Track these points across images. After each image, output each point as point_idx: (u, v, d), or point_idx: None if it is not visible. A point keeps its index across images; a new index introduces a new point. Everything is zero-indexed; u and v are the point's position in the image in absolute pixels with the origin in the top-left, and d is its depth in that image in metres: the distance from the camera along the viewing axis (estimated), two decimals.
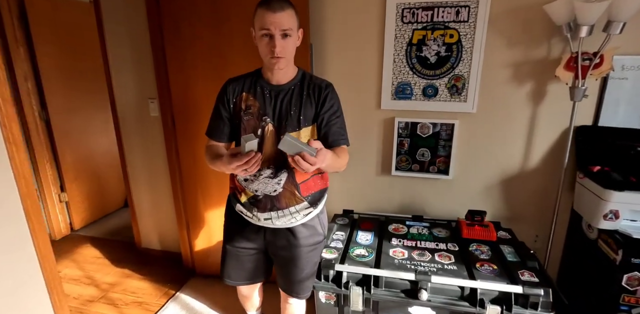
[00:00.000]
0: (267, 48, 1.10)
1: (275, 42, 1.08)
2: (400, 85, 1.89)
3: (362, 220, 1.92)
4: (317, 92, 1.22)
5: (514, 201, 1.95)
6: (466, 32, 1.75)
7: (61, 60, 2.85)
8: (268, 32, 1.08)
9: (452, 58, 1.80)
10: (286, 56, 1.13)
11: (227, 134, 1.29)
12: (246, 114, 1.22)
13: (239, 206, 1.31)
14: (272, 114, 1.21)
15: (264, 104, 1.21)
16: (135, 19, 2.13)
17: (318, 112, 1.21)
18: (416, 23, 1.79)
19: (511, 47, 1.74)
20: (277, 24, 1.07)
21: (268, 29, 1.07)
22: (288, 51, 1.13)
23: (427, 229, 1.79)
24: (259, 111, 1.21)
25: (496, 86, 1.80)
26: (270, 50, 1.10)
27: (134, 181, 2.56)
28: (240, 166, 0.99)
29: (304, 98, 1.21)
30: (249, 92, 1.24)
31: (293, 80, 1.23)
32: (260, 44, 1.13)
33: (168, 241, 2.65)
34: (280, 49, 1.09)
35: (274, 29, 1.07)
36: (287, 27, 1.08)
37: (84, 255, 2.77)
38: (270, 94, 1.22)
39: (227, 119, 1.27)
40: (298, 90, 1.22)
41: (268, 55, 1.12)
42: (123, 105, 2.38)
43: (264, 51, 1.12)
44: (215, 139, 1.30)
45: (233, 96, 1.25)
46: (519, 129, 1.83)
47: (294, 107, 1.20)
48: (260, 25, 1.08)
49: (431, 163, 1.96)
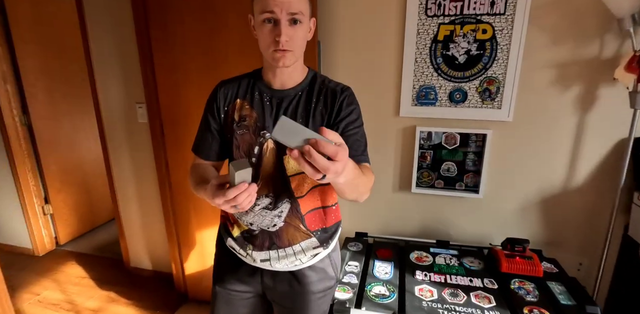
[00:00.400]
0: (270, 37, 0.83)
1: (281, 28, 0.82)
2: (422, 89, 1.63)
3: (378, 246, 1.65)
4: (331, 99, 0.95)
5: (554, 224, 1.67)
6: (502, 26, 1.48)
7: (44, 61, 2.61)
8: (271, 16, 0.82)
9: (485, 57, 1.53)
10: (294, 49, 0.86)
11: (216, 151, 1.03)
12: (240, 126, 0.96)
13: (231, 241, 1.05)
14: (273, 127, 0.94)
15: (263, 115, 0.95)
16: (120, 14, 1.89)
17: (331, 122, 0.95)
18: (443, 16, 1.53)
19: (556, 45, 1.47)
20: (285, 5, 0.81)
21: (272, 11, 0.81)
22: (297, 43, 0.86)
23: (456, 258, 1.52)
24: (257, 123, 0.95)
25: (537, 89, 1.53)
26: (274, 40, 0.83)
27: (122, 195, 2.32)
28: (227, 201, 0.73)
29: (313, 106, 0.94)
30: (244, 99, 0.97)
31: (301, 83, 0.96)
32: (260, 33, 0.86)
33: (159, 260, 2.40)
34: (287, 38, 0.83)
35: (280, 11, 0.81)
36: (296, 10, 0.82)
37: (68, 274, 2.52)
38: (271, 101, 0.95)
39: (216, 132, 1.01)
40: (306, 96, 0.96)
41: (270, 47, 0.84)
42: (109, 110, 2.14)
43: (265, 42, 0.85)
44: (202, 156, 1.04)
45: (225, 103, 0.98)
46: (563, 140, 1.56)
47: (301, 118, 0.94)
48: (262, 8, 0.82)
49: (458, 179, 1.69)
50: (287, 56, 0.85)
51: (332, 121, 0.94)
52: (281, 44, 0.83)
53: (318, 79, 0.99)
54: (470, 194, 1.68)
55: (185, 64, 1.74)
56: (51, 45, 2.65)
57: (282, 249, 0.99)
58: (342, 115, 0.94)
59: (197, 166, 1.03)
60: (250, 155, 0.95)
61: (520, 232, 1.69)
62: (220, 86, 1.00)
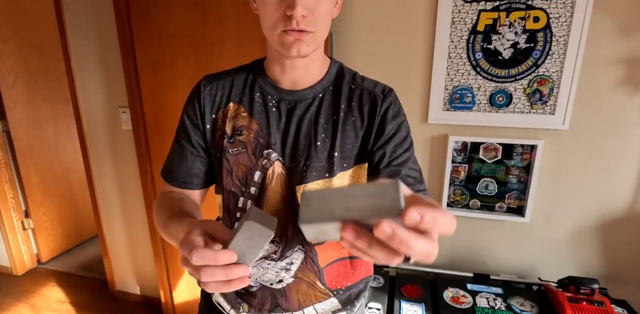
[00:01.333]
0: (278, 11, 0.55)
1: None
2: (457, 90, 1.35)
3: (403, 280, 1.37)
4: (370, 107, 0.66)
5: (617, 254, 1.37)
6: (559, 13, 1.20)
7: (24, 61, 2.37)
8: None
9: (536, 52, 1.25)
10: (315, 30, 0.57)
11: (198, 175, 0.72)
12: (234, 143, 0.67)
13: (217, 296, 0.77)
14: (281, 144, 0.66)
15: (268, 126, 0.66)
16: (101, 6, 1.63)
17: (370, 143, 0.66)
18: (484, 1, 1.25)
19: (627, 35, 1.19)
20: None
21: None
22: (319, 20, 0.57)
23: (501, 299, 1.23)
24: (258, 138, 0.66)
25: (600, 91, 1.25)
26: (284, 15, 0.55)
27: (105, 210, 2.05)
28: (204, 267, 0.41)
29: (342, 117, 0.65)
30: (239, 103, 0.68)
31: (321, 81, 0.67)
32: (263, 6, 0.57)
33: (147, 284, 2.12)
34: (304, 12, 0.54)
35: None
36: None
37: (47, 298, 2.25)
38: (279, 106, 0.67)
39: (200, 149, 0.71)
40: (331, 100, 0.66)
41: (278, 26, 0.56)
42: (90, 115, 1.88)
43: (270, 18, 0.57)
44: (176, 183, 0.72)
45: (212, 107, 0.69)
46: (631, 153, 1.27)
47: (323, 133, 0.65)
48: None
49: (498, 199, 1.40)
50: (304, 40, 0.57)
51: (373, 141, 0.65)
52: (295, 22, 0.54)
53: (346, 74, 0.70)
54: (513, 217, 1.39)
55: (173, 61, 1.48)
56: (32, 44, 2.40)
57: (289, 313, 0.71)
58: (388, 132, 0.65)
59: (168, 195, 0.71)
60: (247, 183, 0.67)
61: (574, 264, 1.40)
62: (206, 82, 0.70)
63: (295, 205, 0.66)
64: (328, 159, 0.65)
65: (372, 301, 1.23)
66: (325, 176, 0.65)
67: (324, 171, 0.65)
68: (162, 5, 1.42)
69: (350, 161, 0.66)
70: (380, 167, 0.64)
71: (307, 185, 0.65)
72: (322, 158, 0.65)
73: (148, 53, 1.51)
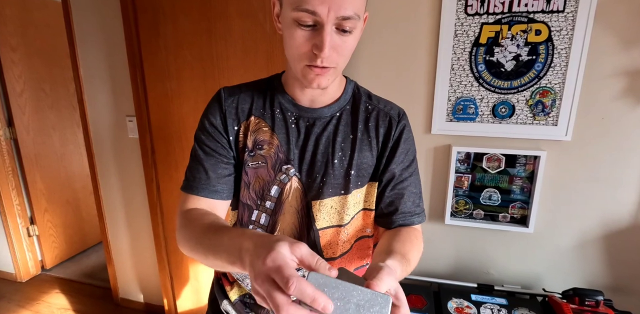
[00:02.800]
0: (305, 47, 0.56)
1: (325, 37, 0.53)
2: (460, 101, 1.36)
3: (406, 290, 1.35)
4: (386, 127, 0.68)
5: (621, 264, 1.37)
6: (561, 26, 1.22)
7: (32, 70, 2.40)
8: (312, 19, 0.53)
9: (538, 64, 1.27)
10: (338, 66, 0.59)
11: (228, 184, 0.69)
12: (254, 157, 0.68)
13: (226, 305, 0.78)
14: (299, 160, 0.68)
15: (287, 142, 0.67)
16: (109, 17, 1.66)
17: (382, 164, 0.69)
18: (487, 15, 1.27)
19: (628, 48, 1.20)
20: (335, 4, 0.52)
21: (314, 11, 0.52)
22: (343, 57, 0.59)
23: (506, 310, 1.23)
24: (278, 153, 0.68)
25: (602, 103, 1.26)
26: (310, 52, 0.56)
27: (110, 217, 2.06)
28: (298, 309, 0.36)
29: (359, 135, 0.67)
30: (261, 117, 0.68)
31: (338, 100, 0.69)
32: (289, 36, 0.57)
33: (150, 291, 2.12)
34: (330, 53, 0.55)
35: (326, 13, 0.52)
36: (350, 12, 0.53)
37: (50, 305, 2.26)
38: (297, 124, 0.68)
39: (230, 156, 0.69)
40: (348, 119, 0.68)
41: (303, 60, 0.57)
42: (97, 124, 1.90)
43: (297, 51, 0.57)
44: (203, 194, 0.67)
45: (234, 119, 0.68)
46: (634, 164, 1.28)
47: (340, 151, 0.67)
48: (297, 1, 0.53)
49: (502, 209, 1.41)
50: (326, 76, 0.58)
51: (384, 161, 0.68)
52: (320, 60, 0.55)
53: (362, 94, 0.72)
54: (517, 227, 1.39)
55: (179, 71, 1.50)
56: (40, 53, 2.44)
57: None
58: (397, 156, 0.68)
59: (195, 212, 0.65)
60: (264, 197, 0.69)
61: (578, 274, 1.40)
62: (228, 94, 0.69)
63: (310, 220, 0.68)
64: (345, 177, 0.67)
65: None
66: (341, 193, 0.67)
67: (340, 187, 0.67)
68: (170, 18, 1.45)
69: (365, 179, 0.68)
70: (387, 189, 0.69)
71: (323, 201, 0.67)
72: (339, 175, 0.66)
73: (155, 64, 1.54)
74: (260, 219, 0.69)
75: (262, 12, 1.32)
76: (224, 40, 1.40)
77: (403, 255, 0.56)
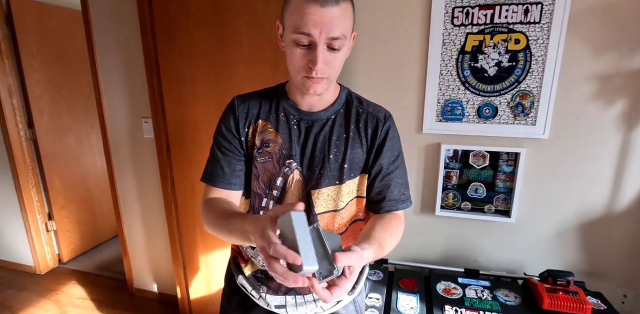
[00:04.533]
0: (302, 61, 0.70)
1: (317, 54, 0.68)
2: (448, 103, 1.50)
3: (400, 274, 1.51)
4: (373, 127, 0.82)
5: (595, 251, 1.51)
6: (537, 36, 1.36)
7: (50, 74, 2.55)
8: (308, 39, 0.67)
9: (518, 69, 1.40)
10: (330, 76, 0.73)
11: (240, 177, 0.84)
12: (262, 153, 0.82)
13: (242, 279, 0.92)
14: (300, 156, 0.81)
15: (290, 140, 0.81)
16: (127, 26, 1.81)
17: (370, 159, 0.82)
18: (471, 25, 1.41)
19: (598, 55, 1.34)
20: (326, 28, 0.66)
21: (309, 33, 0.66)
22: (334, 70, 0.73)
23: (488, 291, 1.37)
24: (282, 150, 0.81)
25: (576, 104, 1.40)
26: (306, 65, 0.70)
27: (126, 212, 2.21)
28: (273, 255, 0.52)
29: (351, 134, 0.81)
30: (267, 120, 0.82)
31: (333, 105, 0.83)
32: (290, 53, 0.72)
33: (163, 282, 2.27)
34: (322, 66, 0.69)
35: (319, 34, 0.66)
36: (338, 33, 0.67)
37: (69, 295, 2.41)
38: (299, 125, 0.82)
39: (241, 154, 0.83)
40: (342, 121, 0.82)
41: (301, 72, 0.72)
42: (114, 125, 2.05)
43: (296, 65, 0.72)
44: (220, 185, 0.82)
45: (245, 122, 0.83)
46: (606, 160, 1.41)
47: (335, 148, 0.80)
48: (296, 25, 0.67)
49: (487, 201, 1.55)
50: (321, 84, 0.73)
51: (372, 157, 0.82)
52: (315, 72, 0.70)
53: (353, 99, 0.86)
54: (500, 217, 1.53)
55: (193, 77, 1.64)
56: (57, 59, 2.59)
57: (300, 295, 0.86)
58: (384, 152, 0.82)
59: (215, 200, 0.81)
60: (271, 187, 0.82)
61: (557, 260, 1.53)
62: (240, 102, 0.84)
63: (310, 206, 0.81)
64: (339, 169, 0.80)
65: (372, 292, 1.37)
66: (335, 183, 0.81)
67: (335, 178, 0.81)
68: (185, 28, 1.59)
69: (357, 172, 0.82)
70: (377, 180, 0.83)
71: (321, 190, 0.81)
72: (334, 168, 0.80)
73: (171, 70, 1.68)
74: (269, 206, 0.83)
75: (269, 25, 1.46)
76: (234, 50, 1.55)
77: (380, 243, 0.70)
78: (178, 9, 1.58)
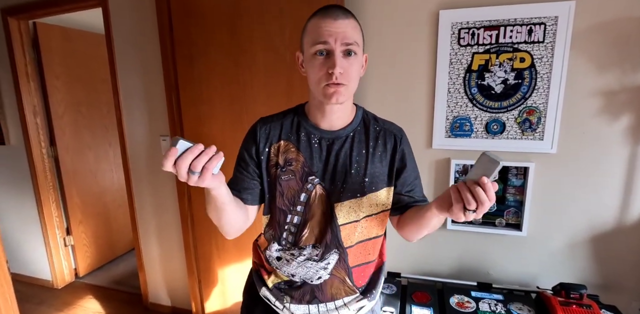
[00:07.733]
0: (322, 70, 0.77)
1: (335, 60, 0.75)
2: (457, 120, 1.55)
3: (413, 288, 1.53)
4: (392, 144, 0.88)
5: (607, 264, 1.51)
6: (542, 54, 1.41)
7: (72, 94, 2.67)
8: (325, 48, 0.76)
9: (524, 86, 1.45)
10: (349, 83, 0.79)
11: (253, 194, 0.90)
12: (285, 172, 0.88)
13: (265, 291, 0.96)
14: (322, 172, 0.86)
15: (311, 158, 0.86)
16: (148, 49, 1.91)
17: (394, 171, 0.89)
18: (477, 45, 1.47)
19: (601, 72, 1.38)
20: (339, 35, 0.75)
21: (325, 42, 0.75)
22: (351, 76, 0.79)
23: (502, 304, 1.38)
24: (304, 167, 0.87)
25: (582, 119, 1.43)
26: (326, 72, 0.77)
27: (143, 227, 2.26)
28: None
29: (370, 150, 0.87)
30: (288, 140, 0.88)
31: (351, 123, 0.89)
32: (311, 68, 0.79)
33: (178, 296, 2.30)
34: (341, 70, 0.76)
35: (334, 41, 0.75)
36: (351, 39, 0.76)
37: (86, 309, 2.45)
38: (320, 143, 0.87)
39: (255, 175, 0.90)
40: (361, 137, 0.88)
41: (322, 81, 0.78)
42: (134, 142, 2.13)
43: (317, 76, 0.79)
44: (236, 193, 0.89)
45: (266, 143, 0.88)
46: (614, 173, 1.44)
47: (355, 163, 0.86)
48: (314, 39, 0.77)
49: (498, 215, 1.57)
50: (341, 91, 0.78)
51: (395, 169, 0.89)
52: (335, 77, 0.76)
53: (369, 117, 0.92)
54: (511, 231, 1.55)
55: (210, 97, 1.72)
56: (79, 79, 2.71)
57: (323, 303, 0.89)
58: (406, 163, 0.89)
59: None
60: (295, 203, 0.88)
61: (569, 273, 1.54)
62: (261, 124, 0.91)
63: (333, 218, 0.86)
64: (360, 183, 0.86)
65: (386, 306, 1.39)
66: (357, 196, 0.86)
67: (357, 192, 0.86)
68: (203, 52, 1.68)
69: (378, 185, 0.87)
70: (403, 192, 0.90)
71: (343, 203, 0.86)
72: (355, 183, 0.85)
73: (189, 90, 1.76)
74: (294, 220, 0.88)
75: (283, 46, 1.54)
76: (249, 70, 1.63)
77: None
78: (198, 33, 1.68)
